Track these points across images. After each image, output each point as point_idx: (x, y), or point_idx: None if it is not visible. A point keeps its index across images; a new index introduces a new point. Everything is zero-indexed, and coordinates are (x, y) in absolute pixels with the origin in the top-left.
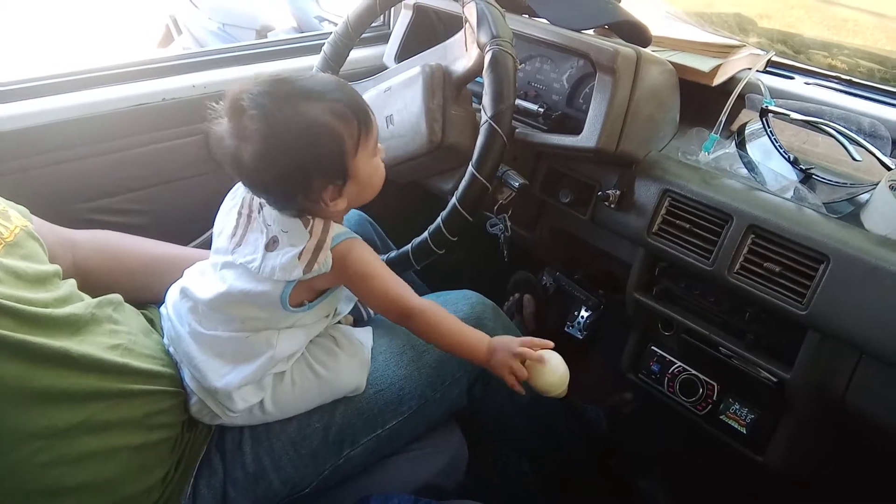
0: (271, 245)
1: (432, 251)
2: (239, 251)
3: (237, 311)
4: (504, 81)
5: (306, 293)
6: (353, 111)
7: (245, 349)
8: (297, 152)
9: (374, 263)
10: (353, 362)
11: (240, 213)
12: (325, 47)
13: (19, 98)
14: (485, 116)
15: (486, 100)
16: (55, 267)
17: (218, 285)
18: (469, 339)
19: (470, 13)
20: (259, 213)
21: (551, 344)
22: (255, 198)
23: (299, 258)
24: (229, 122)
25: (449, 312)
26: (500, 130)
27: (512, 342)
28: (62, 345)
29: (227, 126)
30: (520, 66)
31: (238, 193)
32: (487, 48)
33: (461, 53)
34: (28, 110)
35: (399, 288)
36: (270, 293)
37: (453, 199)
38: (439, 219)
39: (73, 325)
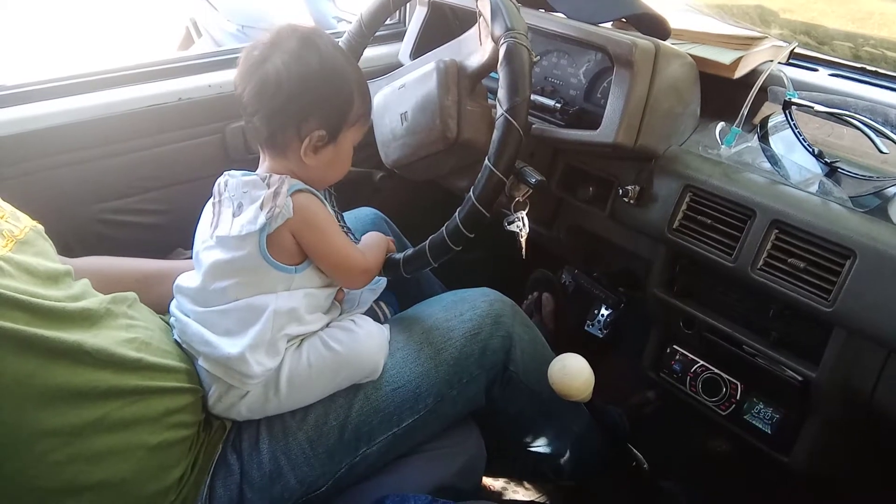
0: (237, 210)
1: (450, 248)
2: (216, 231)
3: (229, 280)
4: (519, 74)
5: (287, 255)
6: (369, 96)
7: (248, 313)
8: (317, 79)
9: (329, 220)
10: (371, 342)
11: (213, 205)
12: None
13: (32, 100)
14: (500, 110)
15: (502, 93)
16: (67, 267)
17: (205, 267)
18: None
19: (484, 7)
20: (225, 189)
21: None
22: (221, 181)
23: (261, 208)
24: (272, 35)
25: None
26: (516, 124)
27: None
28: (77, 338)
29: (266, 39)
30: (536, 61)
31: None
32: (502, 41)
33: (475, 48)
34: (42, 112)
35: (350, 248)
36: (250, 252)
37: (470, 195)
38: (456, 215)
39: (87, 318)
